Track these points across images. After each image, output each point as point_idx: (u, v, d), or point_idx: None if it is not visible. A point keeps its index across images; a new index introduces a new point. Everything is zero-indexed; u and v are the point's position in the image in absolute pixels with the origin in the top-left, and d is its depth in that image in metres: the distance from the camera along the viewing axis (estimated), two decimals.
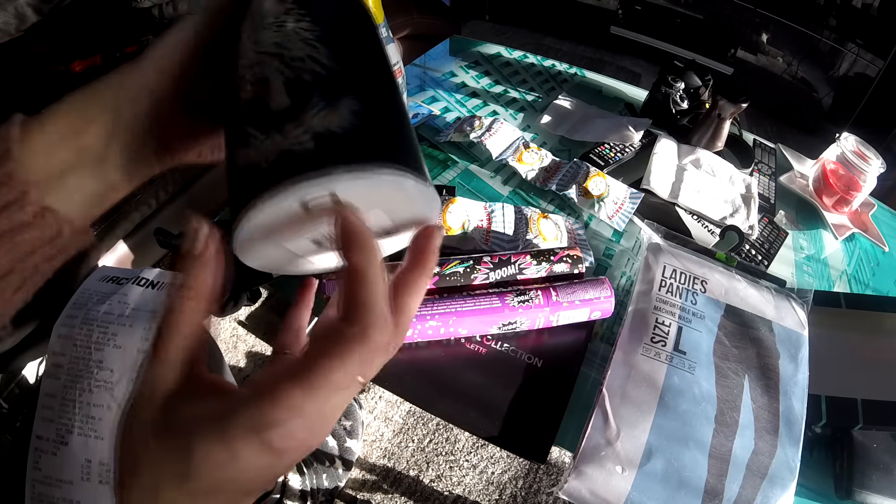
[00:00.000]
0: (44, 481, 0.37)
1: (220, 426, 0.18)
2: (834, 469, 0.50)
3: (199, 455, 0.18)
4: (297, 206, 0.19)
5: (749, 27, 2.14)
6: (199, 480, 0.18)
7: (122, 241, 0.90)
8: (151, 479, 0.18)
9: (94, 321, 0.40)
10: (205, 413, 0.19)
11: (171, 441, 0.18)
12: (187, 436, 0.18)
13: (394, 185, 0.20)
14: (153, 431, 0.19)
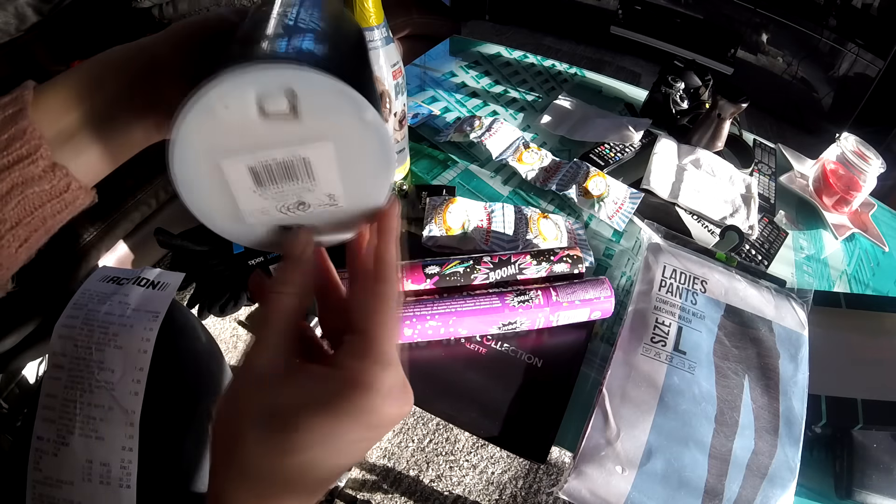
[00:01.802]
0: (44, 482, 0.37)
1: (325, 404, 0.21)
2: (834, 469, 0.50)
3: (304, 428, 0.20)
4: (253, 101, 0.19)
5: (749, 27, 2.14)
6: (301, 455, 0.20)
7: (122, 241, 0.90)
8: (253, 454, 0.20)
9: (95, 321, 0.40)
10: (312, 393, 0.21)
11: (278, 418, 0.20)
12: (295, 412, 0.20)
13: (355, 107, 0.20)
14: (258, 410, 0.21)
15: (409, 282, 0.51)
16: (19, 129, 0.22)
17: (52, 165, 0.23)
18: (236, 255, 0.54)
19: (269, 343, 0.22)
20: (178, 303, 0.46)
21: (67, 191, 0.24)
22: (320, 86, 0.19)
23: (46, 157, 0.23)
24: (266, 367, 0.22)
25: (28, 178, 0.23)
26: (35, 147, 0.22)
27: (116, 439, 0.37)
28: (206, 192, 0.22)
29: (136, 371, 0.38)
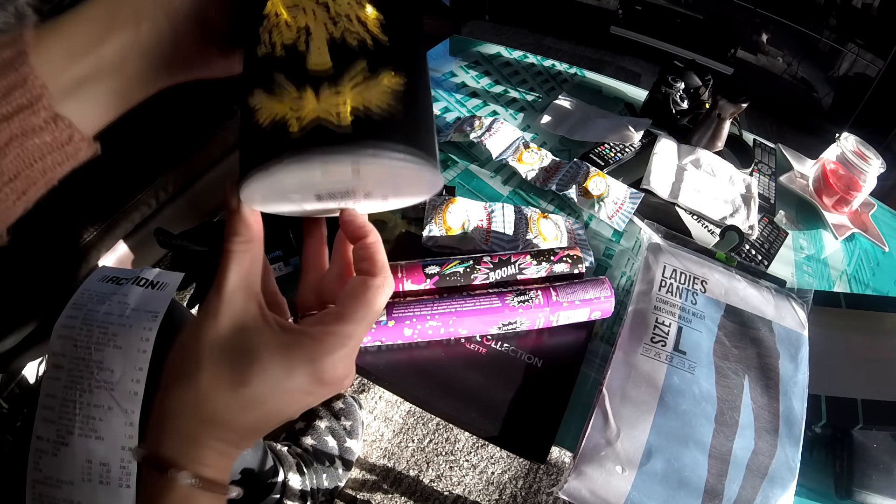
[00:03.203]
0: (44, 482, 0.37)
1: (283, 346, 0.23)
2: (834, 469, 0.50)
3: (259, 366, 0.23)
4: (319, 172, 0.20)
5: (749, 27, 2.13)
6: (251, 389, 0.23)
7: (122, 241, 0.90)
8: (208, 383, 0.23)
9: (94, 321, 0.40)
10: (271, 338, 0.24)
11: (234, 354, 0.23)
12: (252, 350, 0.23)
13: (415, 173, 0.21)
14: (219, 345, 0.23)
15: (409, 282, 0.51)
16: (20, 76, 0.21)
17: (54, 116, 0.22)
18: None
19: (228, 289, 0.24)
20: (177, 302, 0.46)
21: (70, 143, 0.23)
22: (382, 168, 0.20)
23: (48, 107, 0.21)
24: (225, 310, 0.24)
25: (28, 129, 0.21)
26: (36, 96, 0.21)
27: (116, 439, 0.37)
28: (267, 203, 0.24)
29: (136, 371, 0.38)
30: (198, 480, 0.23)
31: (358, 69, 0.19)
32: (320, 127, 0.18)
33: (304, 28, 0.19)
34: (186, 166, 0.97)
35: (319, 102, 0.18)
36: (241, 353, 0.23)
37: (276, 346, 0.23)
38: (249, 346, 0.23)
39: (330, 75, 0.19)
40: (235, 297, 0.24)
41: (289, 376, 0.23)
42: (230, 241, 0.24)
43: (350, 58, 0.19)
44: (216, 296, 0.24)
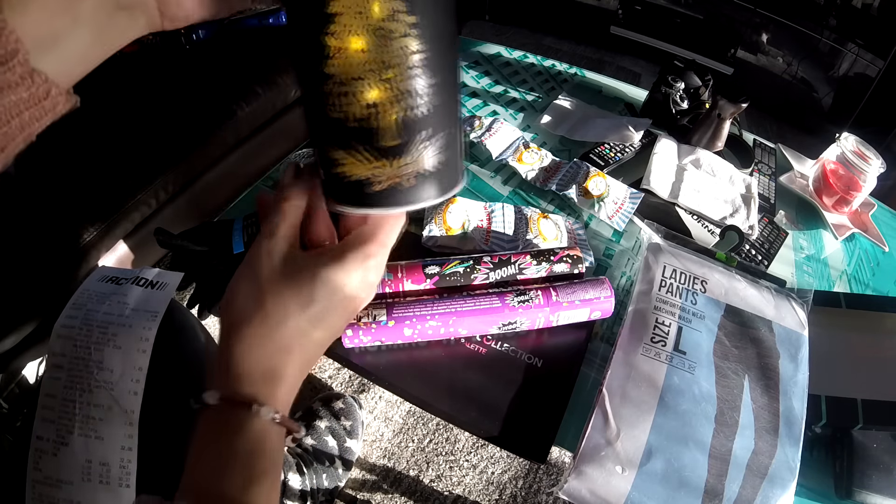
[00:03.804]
0: (44, 482, 0.37)
1: (338, 258, 0.26)
2: (834, 469, 0.50)
3: (321, 281, 0.26)
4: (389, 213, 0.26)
5: (749, 27, 2.13)
6: (318, 304, 0.26)
7: (122, 241, 0.90)
8: (279, 313, 0.25)
9: (94, 321, 0.40)
10: (323, 255, 0.27)
11: (295, 279, 0.25)
12: (312, 268, 0.26)
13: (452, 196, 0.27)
14: (278, 277, 0.26)
15: (409, 282, 0.51)
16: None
17: (31, 72, 0.21)
18: (236, 255, 0.54)
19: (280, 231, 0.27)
20: (176, 302, 0.46)
21: (47, 97, 0.22)
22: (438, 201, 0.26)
23: (24, 62, 0.21)
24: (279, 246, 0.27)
25: (3, 86, 0.20)
26: (11, 52, 0.20)
27: (116, 439, 0.37)
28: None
29: (136, 371, 0.38)
30: (279, 415, 0.25)
31: (418, 141, 0.23)
32: (395, 188, 0.24)
33: (374, 105, 0.22)
34: (186, 166, 0.97)
35: (392, 168, 0.23)
36: (301, 276, 0.26)
37: (329, 260, 0.26)
38: (306, 268, 0.26)
39: (398, 148, 0.23)
40: (284, 240, 0.27)
41: (346, 283, 0.26)
42: (285, 200, 0.28)
43: (413, 131, 0.23)
44: (269, 239, 0.26)
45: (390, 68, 0.22)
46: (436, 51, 0.23)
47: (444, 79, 0.24)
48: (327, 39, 0.22)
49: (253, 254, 0.27)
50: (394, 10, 0.21)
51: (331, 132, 0.24)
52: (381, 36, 0.21)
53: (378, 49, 0.22)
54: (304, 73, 0.24)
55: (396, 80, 0.22)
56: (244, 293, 0.26)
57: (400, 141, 0.23)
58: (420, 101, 0.23)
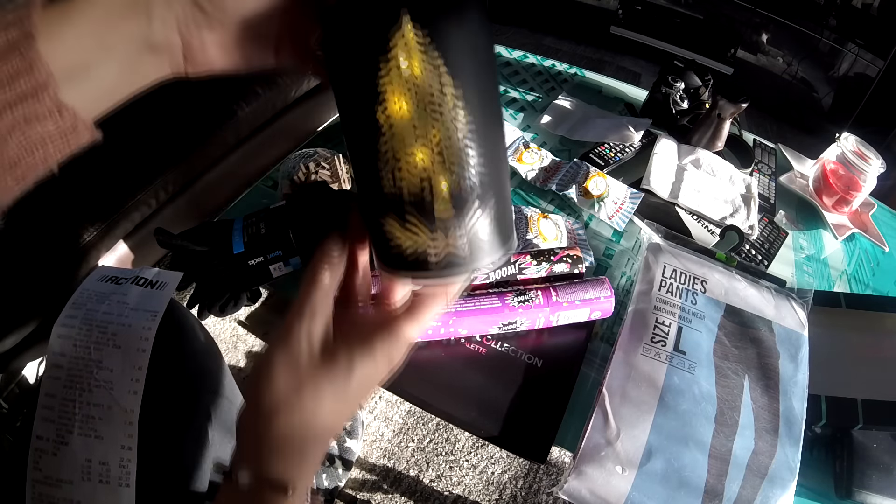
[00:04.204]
0: (44, 481, 0.37)
1: (369, 351, 0.26)
2: (834, 469, 0.50)
3: (356, 378, 0.26)
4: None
5: (749, 27, 2.13)
6: (350, 398, 0.26)
7: (122, 241, 0.90)
8: (317, 404, 0.26)
9: (94, 321, 0.40)
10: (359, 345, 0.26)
11: (335, 368, 0.26)
12: (348, 361, 0.26)
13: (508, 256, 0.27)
14: (321, 361, 0.26)
15: None
16: (25, 61, 0.20)
17: (59, 105, 0.21)
18: (236, 255, 0.54)
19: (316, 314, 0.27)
20: (176, 302, 0.46)
21: (73, 132, 0.22)
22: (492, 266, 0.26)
23: (53, 96, 0.21)
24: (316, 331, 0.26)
25: (31, 117, 0.20)
26: (42, 84, 0.20)
27: (115, 438, 0.37)
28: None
29: (135, 370, 0.38)
30: (309, 499, 0.26)
31: (472, 210, 0.24)
32: (451, 256, 0.24)
33: (427, 178, 0.23)
34: (186, 166, 0.97)
35: (448, 239, 0.24)
36: (338, 368, 0.26)
37: (363, 354, 0.26)
38: (343, 359, 0.26)
39: (454, 220, 0.24)
40: (322, 322, 0.27)
41: (376, 372, 0.27)
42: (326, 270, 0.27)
43: (466, 202, 0.24)
44: (310, 321, 0.26)
45: (441, 141, 0.22)
46: (483, 120, 0.23)
47: (493, 145, 0.24)
48: (378, 116, 0.22)
49: (293, 333, 0.26)
50: (442, 84, 0.22)
51: (385, 207, 0.24)
52: (432, 110, 0.22)
53: (429, 123, 0.22)
54: (356, 149, 0.24)
55: (447, 154, 0.22)
56: (284, 378, 0.26)
57: (454, 212, 0.23)
58: (472, 172, 0.23)
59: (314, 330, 0.26)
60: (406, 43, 0.21)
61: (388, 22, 0.21)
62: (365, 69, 0.22)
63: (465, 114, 0.22)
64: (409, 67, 0.21)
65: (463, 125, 0.22)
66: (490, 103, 0.24)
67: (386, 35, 0.21)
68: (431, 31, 0.21)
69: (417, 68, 0.21)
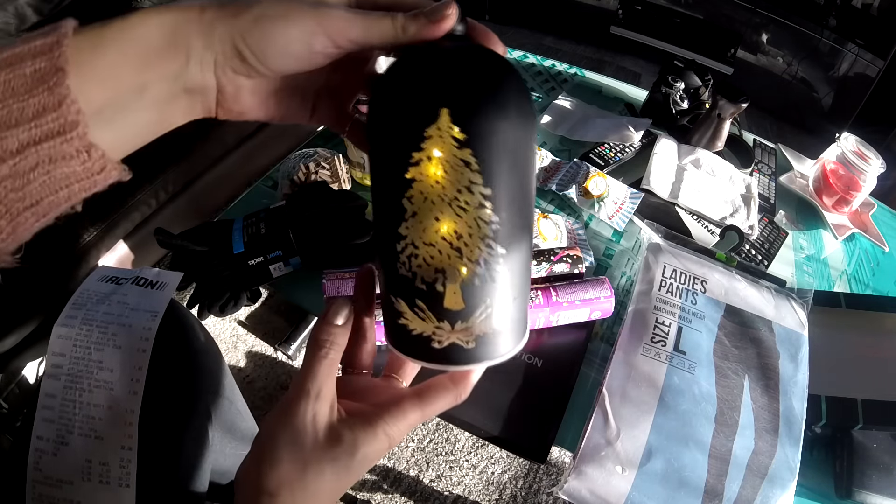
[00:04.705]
0: (44, 482, 0.37)
1: (372, 433, 0.26)
2: (834, 469, 0.50)
3: (357, 460, 0.26)
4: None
5: (749, 27, 2.13)
6: (353, 470, 0.26)
7: (122, 241, 0.90)
8: (319, 486, 0.25)
9: (94, 321, 0.40)
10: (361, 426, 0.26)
11: (338, 450, 0.25)
12: (352, 443, 0.26)
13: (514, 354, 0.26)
14: (325, 444, 0.25)
15: None
16: (54, 98, 0.18)
17: (88, 146, 0.20)
18: (236, 255, 0.54)
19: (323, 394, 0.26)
20: (176, 302, 0.46)
21: (101, 172, 0.21)
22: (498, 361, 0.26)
23: (83, 136, 0.19)
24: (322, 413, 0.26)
25: (57, 157, 0.19)
26: (71, 123, 0.19)
27: (115, 439, 0.37)
28: None
29: (135, 370, 0.38)
30: None
31: (482, 308, 0.24)
32: (454, 346, 0.24)
33: (442, 271, 0.23)
34: (186, 166, 0.97)
35: (454, 331, 0.24)
36: (341, 450, 0.26)
37: (367, 436, 0.26)
38: (347, 442, 0.26)
39: (461, 313, 0.24)
40: (327, 402, 0.26)
41: (375, 445, 0.26)
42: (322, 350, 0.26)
43: (477, 299, 0.24)
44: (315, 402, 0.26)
45: (461, 238, 0.22)
46: (510, 222, 0.23)
47: (516, 247, 0.24)
48: (404, 203, 0.22)
49: (298, 415, 0.26)
50: (470, 181, 0.22)
51: (398, 286, 0.24)
52: (457, 206, 0.22)
53: (452, 218, 0.22)
54: (380, 227, 0.25)
55: (466, 251, 0.23)
56: (288, 460, 0.25)
57: (463, 307, 0.23)
58: (487, 272, 0.23)
59: (319, 411, 0.26)
60: (440, 138, 0.21)
61: (426, 115, 0.21)
62: (398, 154, 0.22)
63: (490, 214, 0.22)
64: (439, 162, 0.21)
65: (486, 225, 0.22)
66: (520, 207, 0.24)
67: (422, 127, 0.21)
68: (467, 128, 0.21)
69: (447, 164, 0.21)
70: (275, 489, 0.25)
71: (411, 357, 0.26)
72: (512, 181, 0.23)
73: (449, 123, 0.21)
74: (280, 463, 0.25)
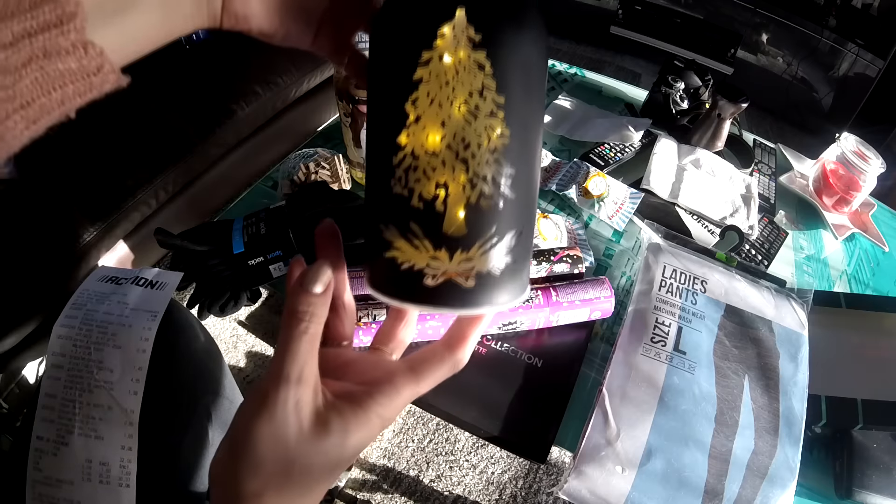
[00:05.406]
0: (44, 482, 0.37)
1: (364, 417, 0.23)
2: (834, 469, 0.50)
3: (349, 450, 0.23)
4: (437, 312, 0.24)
5: (749, 27, 2.13)
6: (344, 458, 0.23)
7: (122, 241, 0.90)
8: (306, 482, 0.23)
9: (94, 321, 0.40)
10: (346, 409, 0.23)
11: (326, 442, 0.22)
12: (342, 433, 0.23)
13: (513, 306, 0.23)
14: (311, 435, 0.22)
15: None
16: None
17: (84, 42, 0.18)
18: (236, 255, 0.54)
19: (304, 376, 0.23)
20: (176, 302, 0.46)
21: (98, 73, 0.19)
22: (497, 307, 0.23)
23: (79, 28, 0.18)
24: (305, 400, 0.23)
25: (52, 51, 0.18)
26: (69, 15, 0.17)
27: (116, 439, 0.37)
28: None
29: (135, 370, 0.38)
30: None
31: (486, 236, 0.21)
32: (450, 285, 0.21)
33: (444, 186, 0.20)
34: (186, 166, 0.97)
35: (452, 263, 0.21)
36: (330, 442, 0.23)
37: (351, 407, 0.23)
38: (335, 431, 0.23)
39: (463, 240, 0.20)
40: (310, 385, 0.23)
41: (368, 430, 0.24)
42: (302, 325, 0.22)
43: (482, 224, 0.21)
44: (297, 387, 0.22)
45: (469, 148, 0.20)
46: (520, 138, 0.21)
47: (524, 172, 0.22)
48: (407, 107, 0.20)
49: (278, 403, 0.22)
50: (483, 85, 0.20)
51: (390, 209, 0.21)
52: (466, 111, 0.20)
53: (460, 125, 0.20)
54: (375, 140, 0.22)
55: (473, 163, 0.20)
56: (270, 458, 0.22)
57: (466, 232, 0.20)
58: (495, 192, 0.21)
59: (303, 398, 0.22)
60: (455, 36, 0.19)
61: (442, 12, 0.19)
62: (405, 56, 0.20)
63: (503, 125, 0.20)
64: (452, 62, 0.19)
65: (497, 136, 0.20)
66: (531, 123, 0.22)
67: (435, 25, 0.19)
68: (485, 30, 0.19)
69: (460, 64, 0.20)
70: (259, 491, 0.22)
71: (398, 298, 0.22)
72: (525, 96, 0.21)
73: (465, 22, 0.19)
74: (262, 463, 0.22)
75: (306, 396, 0.22)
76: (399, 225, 0.21)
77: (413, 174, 0.20)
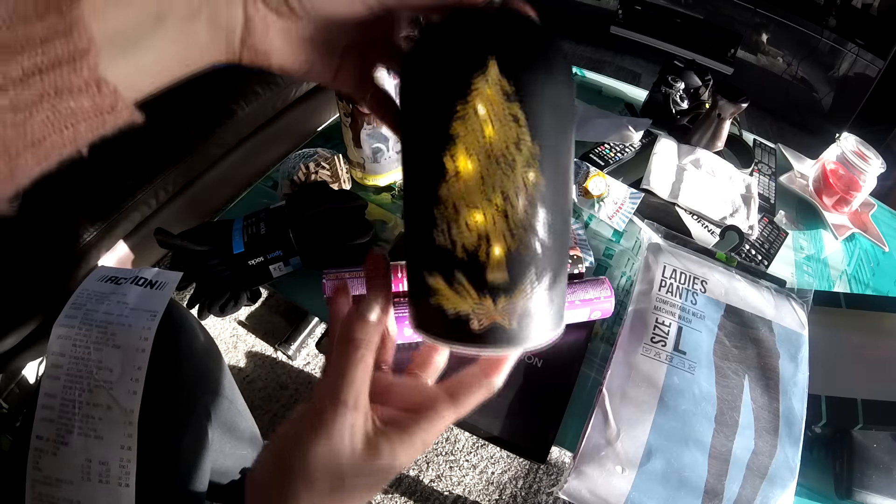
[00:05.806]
0: (44, 481, 0.37)
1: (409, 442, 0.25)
2: (834, 469, 0.50)
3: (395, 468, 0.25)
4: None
5: (749, 27, 2.13)
6: (389, 478, 0.25)
7: (122, 241, 0.90)
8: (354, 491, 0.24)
9: (94, 321, 0.40)
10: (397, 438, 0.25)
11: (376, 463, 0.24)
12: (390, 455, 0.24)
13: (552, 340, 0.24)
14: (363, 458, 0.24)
15: None
16: (65, 21, 0.16)
17: (98, 80, 0.17)
18: (236, 255, 0.54)
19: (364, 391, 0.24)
20: (176, 302, 0.46)
21: (112, 111, 0.19)
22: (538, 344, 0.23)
23: (93, 66, 0.17)
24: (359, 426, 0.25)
25: (64, 89, 0.17)
26: (81, 52, 0.17)
27: (115, 438, 0.37)
28: None
29: (135, 370, 0.38)
30: None
31: (528, 280, 0.22)
32: (495, 325, 0.22)
33: (485, 237, 0.21)
34: (186, 166, 0.97)
35: (495, 308, 0.22)
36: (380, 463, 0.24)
37: (397, 433, 0.25)
38: (383, 453, 0.24)
39: (506, 286, 0.21)
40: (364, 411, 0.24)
41: (412, 453, 0.25)
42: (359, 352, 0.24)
43: (523, 270, 0.22)
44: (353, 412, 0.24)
45: (508, 199, 0.21)
46: (554, 184, 0.22)
47: (559, 214, 0.22)
48: (446, 161, 0.20)
49: (335, 426, 0.24)
50: (518, 137, 0.20)
51: (434, 260, 0.22)
52: (503, 163, 0.20)
53: (498, 177, 0.20)
54: (414, 193, 0.23)
55: (512, 213, 0.21)
56: (323, 478, 0.24)
57: (508, 278, 0.21)
58: (534, 239, 0.21)
59: (357, 423, 0.24)
60: (488, 89, 0.20)
61: (474, 64, 0.19)
62: (440, 109, 0.20)
63: (538, 174, 0.21)
64: (487, 115, 0.20)
65: (533, 187, 0.21)
66: (564, 170, 0.22)
67: (469, 78, 0.19)
68: (517, 82, 0.20)
69: (496, 118, 0.20)
70: (312, 497, 0.24)
71: (446, 341, 0.23)
72: (557, 143, 0.21)
73: (498, 75, 0.19)
74: (316, 480, 0.24)
75: (360, 421, 0.24)
76: (444, 274, 0.22)
77: (455, 227, 0.21)
